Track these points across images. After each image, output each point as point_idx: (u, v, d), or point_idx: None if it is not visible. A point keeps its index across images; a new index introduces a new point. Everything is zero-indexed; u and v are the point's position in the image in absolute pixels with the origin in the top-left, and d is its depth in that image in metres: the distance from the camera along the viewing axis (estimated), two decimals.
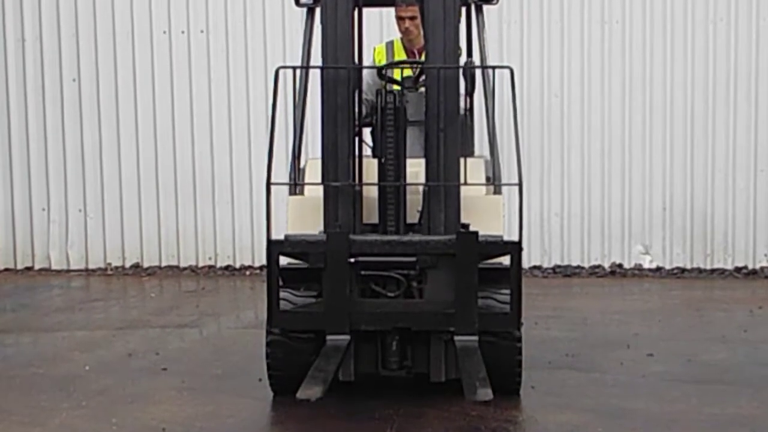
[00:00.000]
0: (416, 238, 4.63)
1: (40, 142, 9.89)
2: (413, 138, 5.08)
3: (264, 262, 9.63)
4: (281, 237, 4.65)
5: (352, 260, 4.55)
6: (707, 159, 9.47)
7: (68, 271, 9.88)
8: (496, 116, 5.47)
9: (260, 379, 5.34)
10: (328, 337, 4.54)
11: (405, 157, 4.81)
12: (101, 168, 9.85)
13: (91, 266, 9.91)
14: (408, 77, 5.63)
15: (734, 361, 6.06)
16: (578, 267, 9.60)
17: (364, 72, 5.23)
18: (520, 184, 4.39)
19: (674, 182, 9.51)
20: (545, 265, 9.63)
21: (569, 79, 9.53)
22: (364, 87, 5.29)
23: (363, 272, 4.62)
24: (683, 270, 9.53)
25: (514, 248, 4.46)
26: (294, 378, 4.65)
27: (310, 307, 4.70)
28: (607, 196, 9.57)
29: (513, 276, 4.45)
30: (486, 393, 4.16)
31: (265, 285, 4.66)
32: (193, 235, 9.82)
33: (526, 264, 9.52)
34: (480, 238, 4.48)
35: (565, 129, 9.55)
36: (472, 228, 4.65)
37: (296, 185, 5.26)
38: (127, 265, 9.88)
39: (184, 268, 9.82)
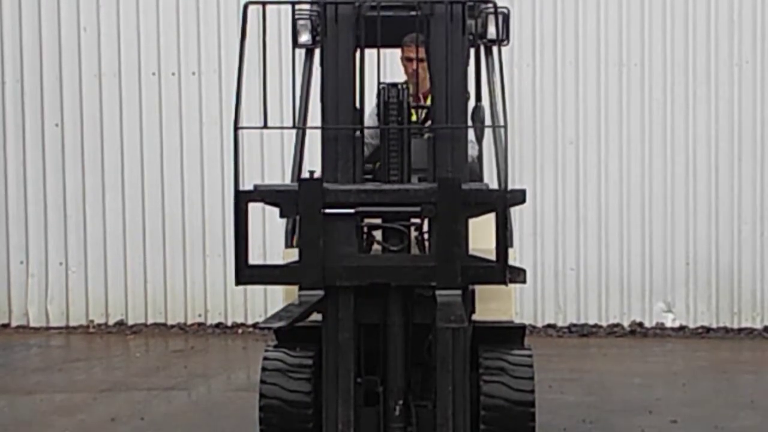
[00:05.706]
0: (395, 186, 4.69)
1: (19, 190, 9.92)
2: None
3: (256, 319, 9.69)
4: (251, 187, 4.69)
5: (328, 211, 4.59)
6: (733, 210, 9.49)
7: (47, 328, 9.85)
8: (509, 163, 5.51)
9: None
10: (301, 293, 4.55)
11: (410, 156, 4.85)
12: (84, 218, 9.87)
13: (72, 323, 9.89)
14: (413, 123, 5.65)
15: (764, 428, 6.02)
16: (595, 326, 9.57)
17: (366, 115, 5.26)
18: (505, 126, 4.54)
19: (698, 235, 9.51)
20: (560, 324, 9.59)
21: (585, 125, 9.57)
22: (366, 131, 5.31)
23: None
24: (708, 329, 9.50)
25: (500, 198, 4.54)
26: None
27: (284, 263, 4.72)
28: (626, 250, 9.57)
29: (499, 227, 4.54)
30: (460, 322, 4.13)
31: (259, 344, 4.65)
32: (182, 290, 9.82)
33: (539, 323, 9.52)
34: (463, 186, 4.55)
35: (580, 177, 9.58)
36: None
37: (266, 127, 5.20)
38: (111, 322, 9.86)
39: (172, 326, 9.80)
